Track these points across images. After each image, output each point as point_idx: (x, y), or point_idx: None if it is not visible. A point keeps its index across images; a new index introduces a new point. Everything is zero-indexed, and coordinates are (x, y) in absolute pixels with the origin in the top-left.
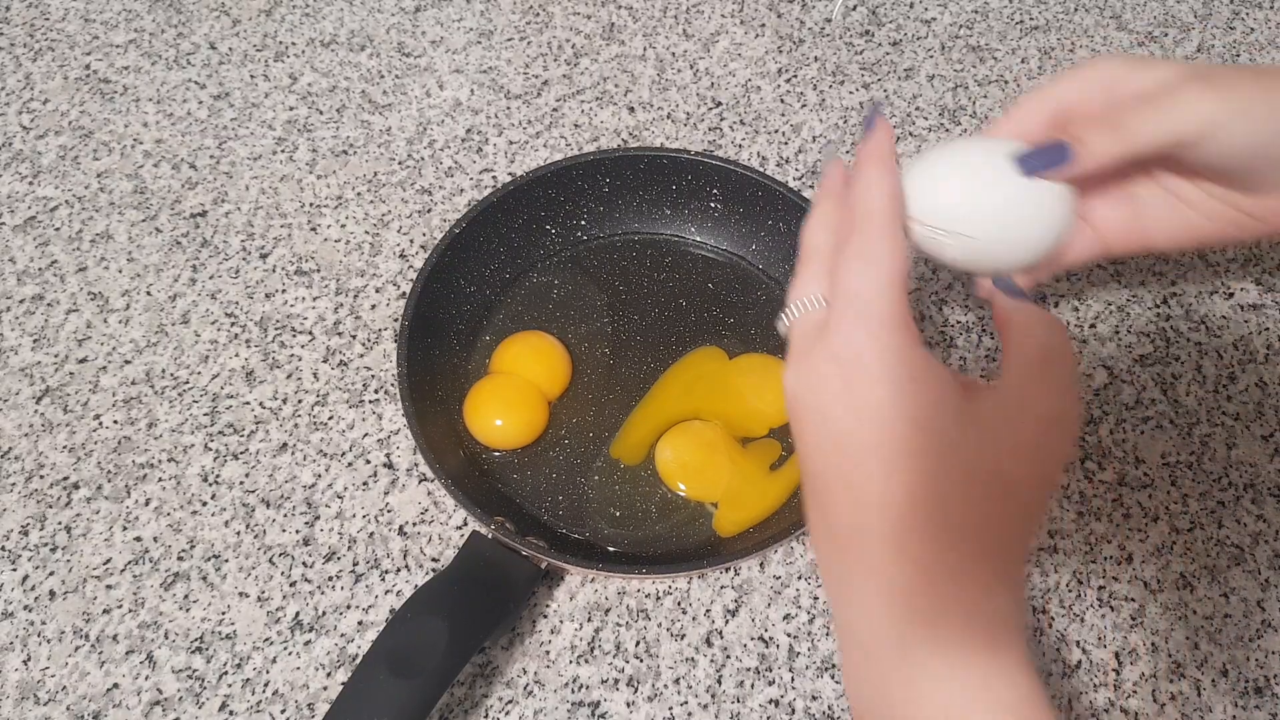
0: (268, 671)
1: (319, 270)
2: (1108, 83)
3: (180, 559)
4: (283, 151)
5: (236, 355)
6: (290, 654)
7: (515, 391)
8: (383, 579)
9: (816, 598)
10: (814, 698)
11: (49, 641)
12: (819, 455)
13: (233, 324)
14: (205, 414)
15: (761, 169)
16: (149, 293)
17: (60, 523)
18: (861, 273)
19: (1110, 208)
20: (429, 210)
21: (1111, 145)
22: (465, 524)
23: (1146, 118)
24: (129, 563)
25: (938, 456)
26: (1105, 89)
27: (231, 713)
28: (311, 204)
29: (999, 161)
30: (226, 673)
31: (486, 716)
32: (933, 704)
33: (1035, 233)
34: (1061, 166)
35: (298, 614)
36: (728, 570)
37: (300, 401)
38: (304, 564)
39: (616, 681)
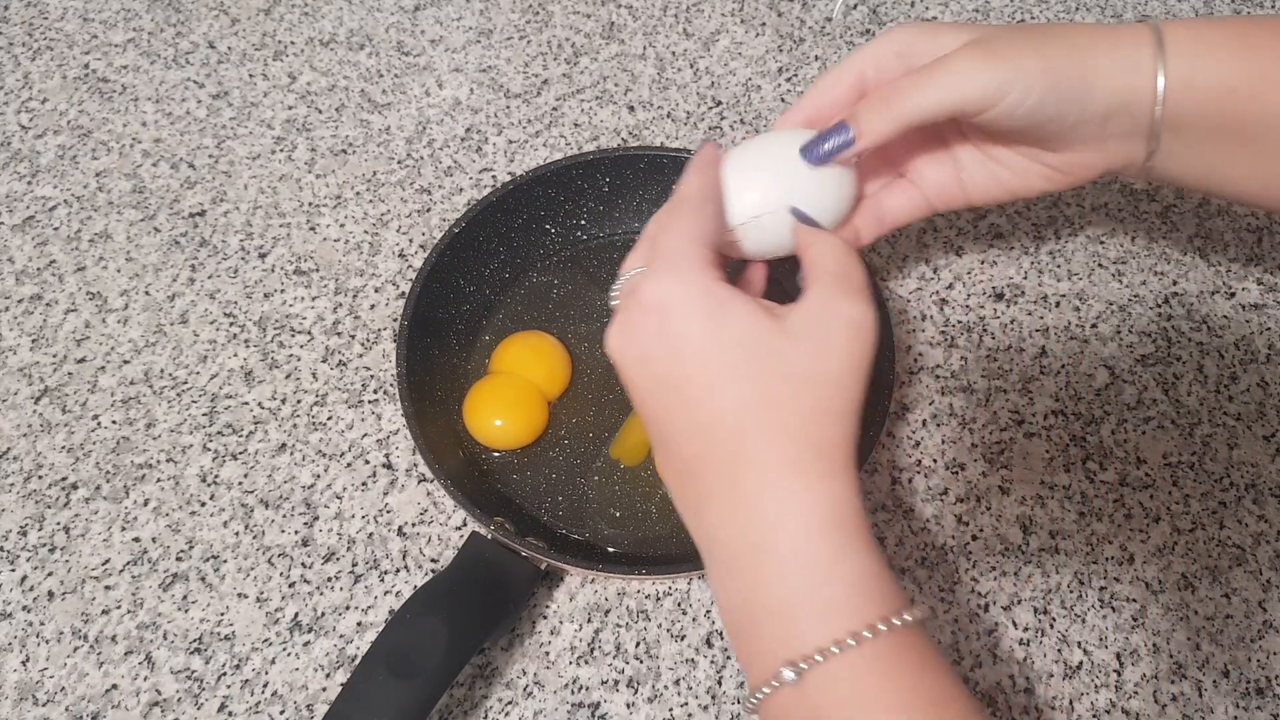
0: (267, 672)
1: (318, 270)
2: (902, 51)
3: (179, 560)
4: (281, 151)
5: (235, 355)
6: (289, 655)
7: (515, 391)
8: (382, 580)
9: None
10: None
11: (47, 642)
12: (652, 399)
13: (231, 324)
14: (204, 414)
15: None
16: (148, 292)
17: (59, 523)
18: (668, 233)
19: (933, 168)
20: (428, 210)
21: (885, 124)
22: (465, 524)
23: (919, 91)
24: (127, 563)
25: (759, 367)
26: (900, 58)
27: (230, 714)
28: (310, 203)
29: (785, 154)
30: (225, 674)
31: (486, 717)
32: (778, 515)
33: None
34: (844, 152)
35: (297, 615)
36: None
37: (299, 402)
38: (303, 565)
39: (616, 683)
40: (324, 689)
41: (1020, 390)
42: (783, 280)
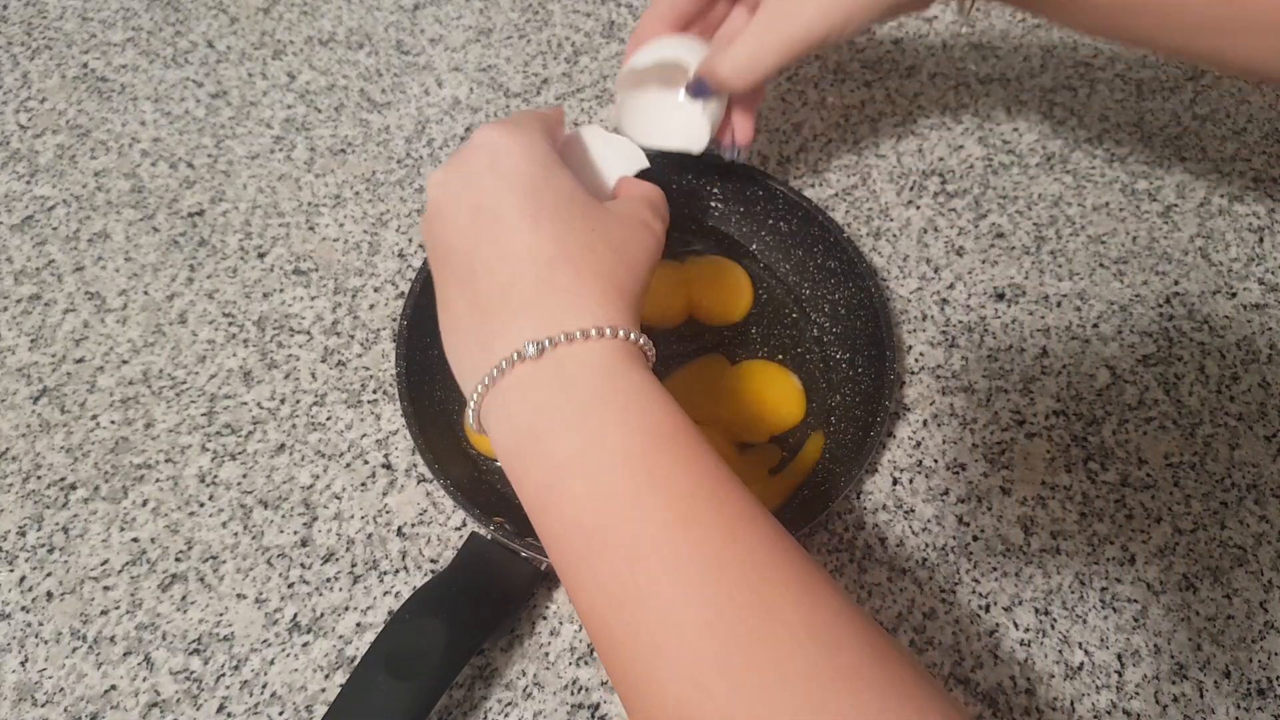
0: (266, 673)
1: (317, 270)
2: None
3: (178, 560)
4: (281, 150)
5: (234, 355)
6: (288, 656)
7: None
8: (381, 580)
9: None
10: None
11: (46, 643)
12: (463, 231)
13: (230, 324)
14: (203, 414)
15: (762, 168)
16: (146, 292)
17: (57, 524)
18: (513, 116)
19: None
20: None
21: (748, 76)
22: (464, 525)
23: (772, 47)
24: (126, 564)
25: (580, 220)
26: None
27: (229, 714)
28: (309, 203)
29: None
30: (224, 674)
31: (485, 719)
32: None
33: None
34: (711, 97)
35: (296, 615)
36: None
37: (298, 402)
38: (302, 565)
39: None
40: (323, 690)
41: (1021, 390)
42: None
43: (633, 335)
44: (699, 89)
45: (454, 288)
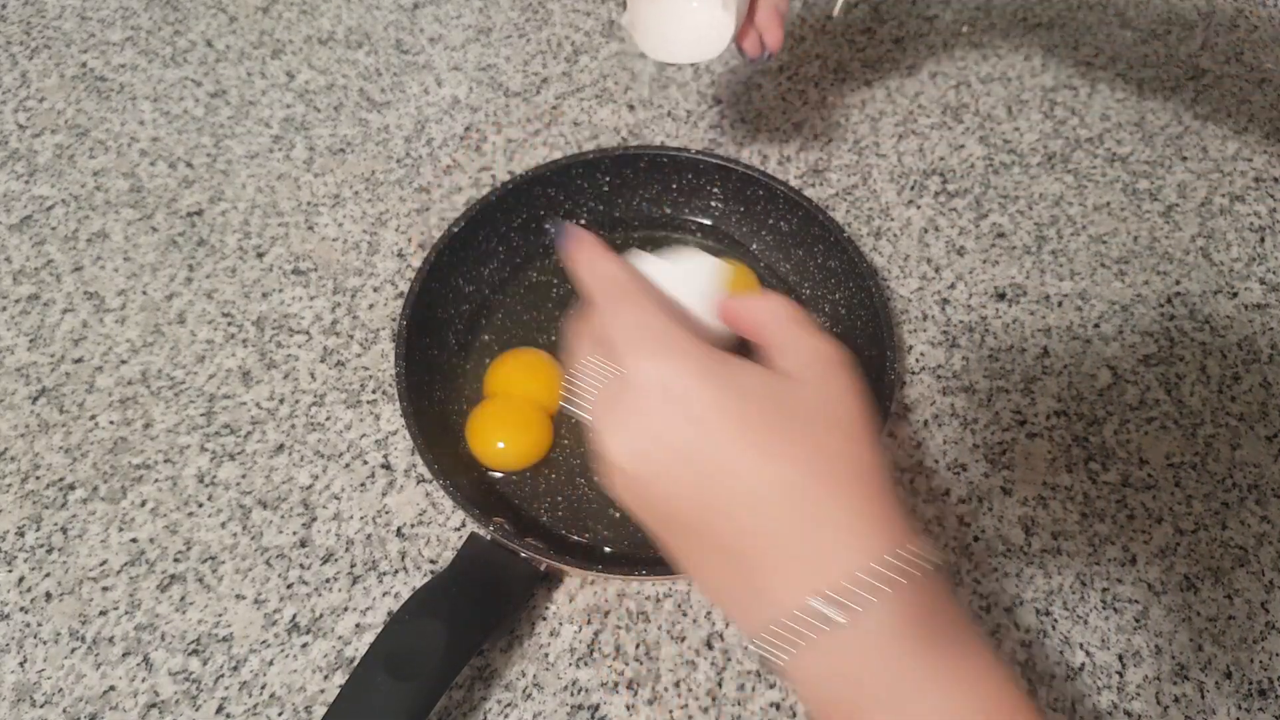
0: (265, 674)
1: (316, 269)
2: None
3: (177, 560)
4: (280, 150)
5: (233, 355)
6: (287, 656)
7: (518, 414)
8: (380, 581)
9: None
10: None
11: (45, 643)
12: (677, 485)
13: (229, 324)
14: (201, 414)
15: (762, 167)
16: (145, 292)
17: (56, 524)
18: (623, 320)
19: None
20: (427, 209)
21: None
22: (463, 525)
23: None
24: (125, 564)
25: (789, 418)
26: None
27: (228, 715)
28: (309, 203)
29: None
30: (223, 675)
31: (485, 719)
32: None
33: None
34: None
35: (295, 616)
36: None
37: (297, 402)
38: (301, 566)
39: (616, 685)
40: (322, 691)
41: (1022, 390)
42: None
43: (912, 551)
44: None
45: (693, 543)
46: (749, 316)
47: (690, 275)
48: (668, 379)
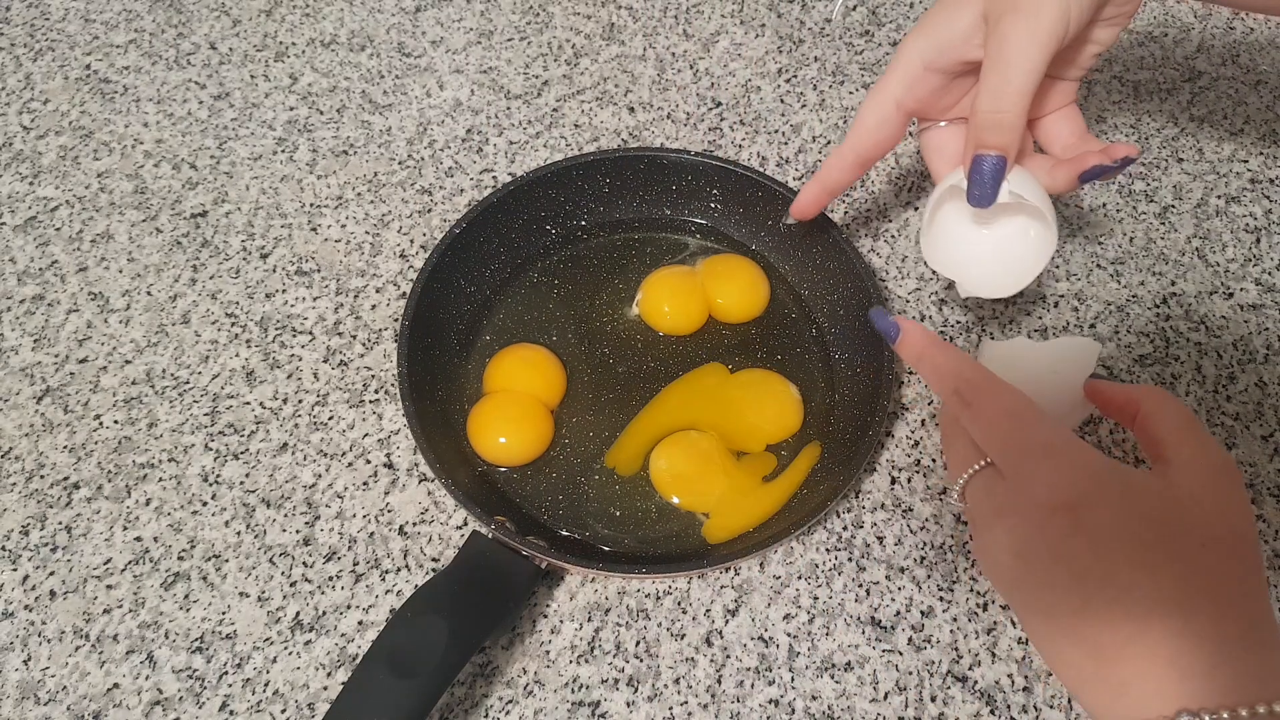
0: (268, 671)
1: (319, 270)
2: (928, 62)
3: (180, 559)
4: (283, 151)
5: (237, 355)
6: (290, 654)
7: (520, 408)
8: (383, 579)
9: (816, 598)
10: (814, 697)
11: (49, 641)
12: (1066, 596)
13: (233, 324)
14: (205, 414)
15: (761, 169)
16: (149, 293)
17: (61, 523)
18: (990, 426)
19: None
20: (429, 210)
21: (1013, 121)
22: (465, 524)
23: (1016, 71)
24: (129, 563)
25: (1180, 542)
26: (929, 68)
27: (232, 712)
28: (312, 204)
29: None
30: (227, 673)
31: (486, 716)
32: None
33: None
34: (1004, 170)
35: (298, 614)
36: (727, 570)
37: (300, 401)
38: (304, 564)
39: (616, 681)
40: (325, 688)
41: None
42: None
43: None
44: (981, 187)
45: (1055, 630)
46: (1126, 405)
47: (1056, 356)
48: (1057, 489)
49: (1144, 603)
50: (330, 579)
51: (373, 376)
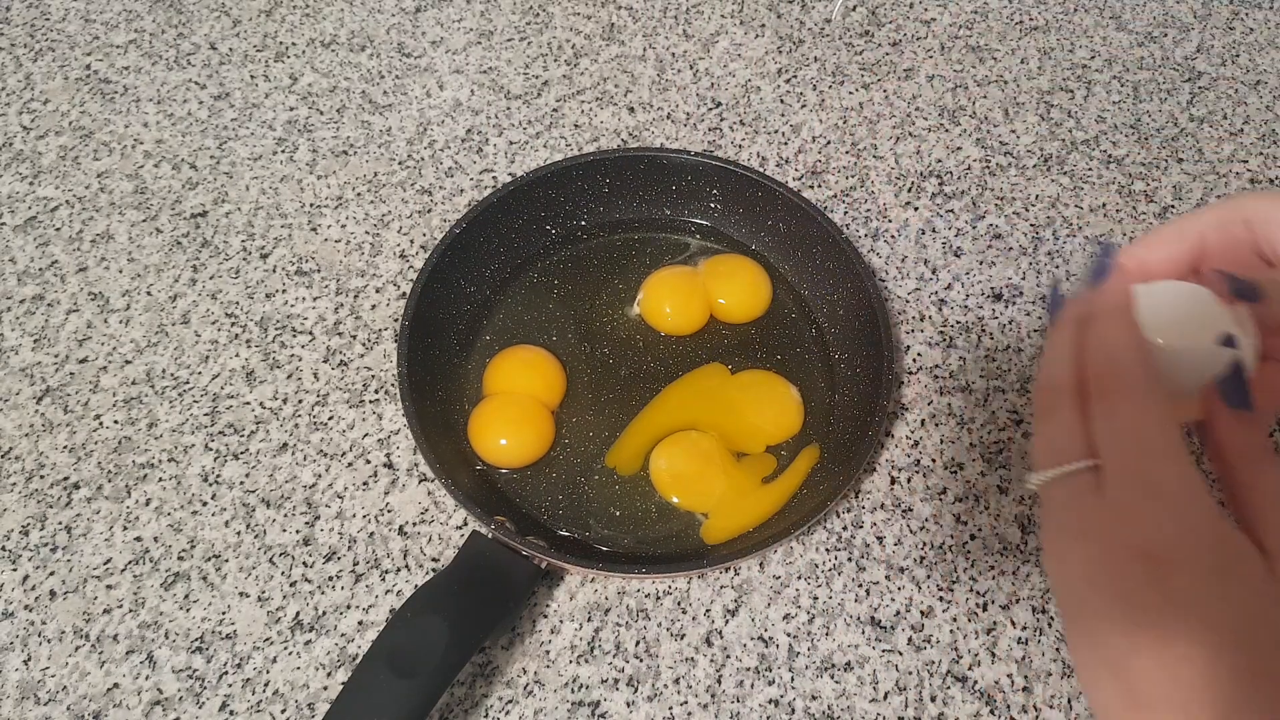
0: (268, 671)
1: (319, 270)
2: (1251, 219)
3: (180, 559)
4: (283, 152)
5: (237, 355)
6: (290, 654)
7: (521, 410)
8: (383, 579)
9: (816, 598)
10: (814, 697)
11: (49, 641)
12: (1117, 629)
13: (233, 324)
14: (205, 414)
15: (761, 169)
16: (149, 293)
17: (61, 523)
18: (1136, 425)
19: None
20: (429, 210)
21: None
22: (465, 524)
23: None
24: (129, 563)
25: (1262, 638)
26: (1247, 225)
27: (232, 712)
28: (312, 204)
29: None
30: (227, 672)
31: (486, 716)
32: None
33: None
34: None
35: (298, 614)
36: (727, 570)
37: (300, 401)
38: (304, 564)
39: (616, 681)
40: (325, 688)
41: (1019, 390)
42: None
43: None
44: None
45: (1098, 657)
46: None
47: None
48: (1151, 538)
49: (1192, 670)
50: (330, 579)
51: (373, 376)
